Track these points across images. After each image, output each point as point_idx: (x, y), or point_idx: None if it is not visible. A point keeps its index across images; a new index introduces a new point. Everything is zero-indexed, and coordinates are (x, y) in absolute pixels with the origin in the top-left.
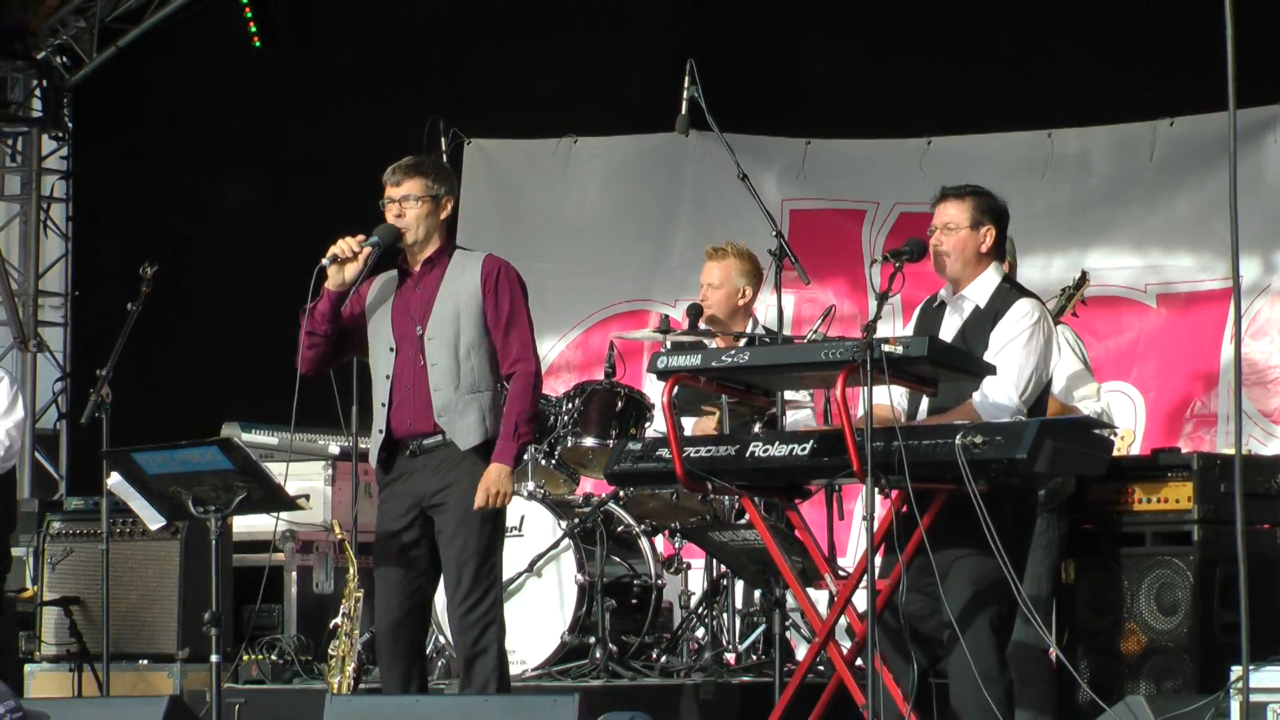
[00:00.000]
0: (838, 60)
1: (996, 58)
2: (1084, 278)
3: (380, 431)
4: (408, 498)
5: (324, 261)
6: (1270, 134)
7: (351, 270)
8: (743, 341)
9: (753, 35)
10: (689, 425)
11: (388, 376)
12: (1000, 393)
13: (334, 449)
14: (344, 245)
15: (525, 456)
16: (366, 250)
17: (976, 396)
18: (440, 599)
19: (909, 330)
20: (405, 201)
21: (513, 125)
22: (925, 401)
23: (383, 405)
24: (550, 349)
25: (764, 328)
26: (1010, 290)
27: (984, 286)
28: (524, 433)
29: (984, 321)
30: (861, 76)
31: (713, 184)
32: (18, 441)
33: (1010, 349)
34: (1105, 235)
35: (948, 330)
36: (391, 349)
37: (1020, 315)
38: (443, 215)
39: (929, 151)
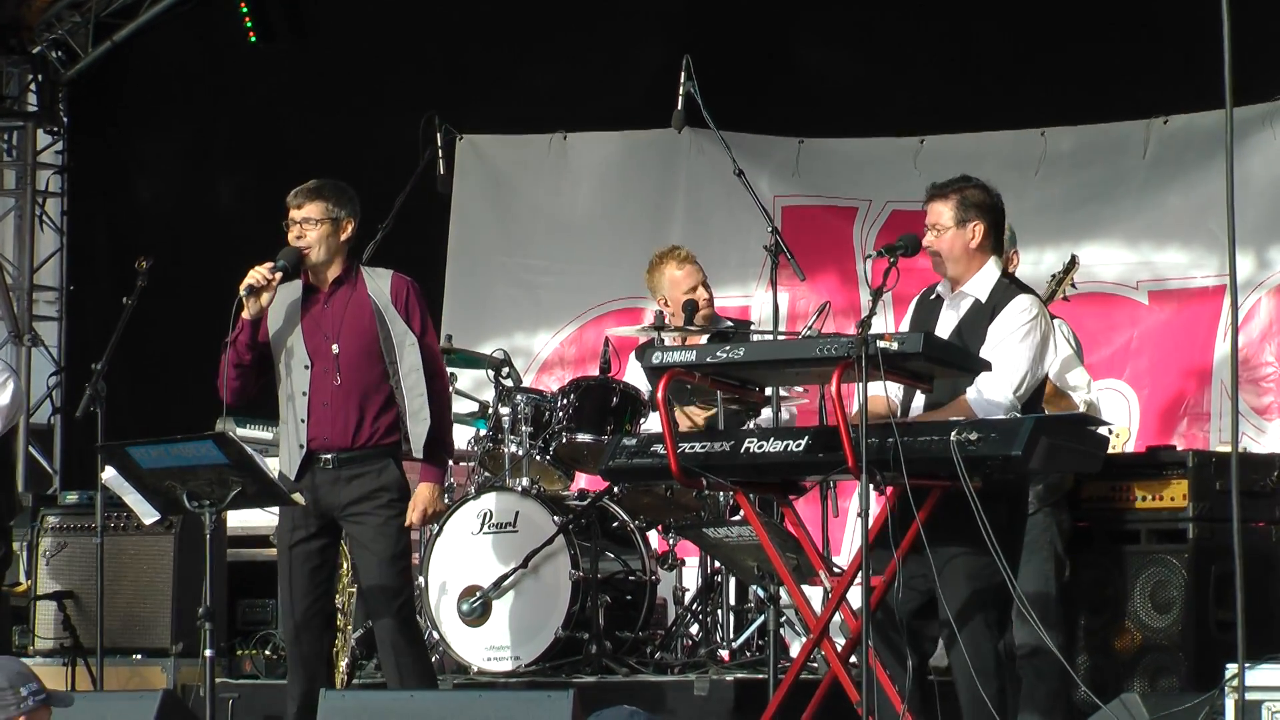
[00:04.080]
0: (830, 59)
1: (989, 56)
2: (1074, 261)
3: (301, 446)
4: (319, 507)
5: (241, 293)
6: (1262, 131)
7: (266, 297)
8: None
9: (745, 33)
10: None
11: (304, 393)
12: (995, 389)
13: None
14: (257, 274)
15: (520, 452)
16: (277, 276)
17: (971, 392)
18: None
19: (904, 325)
20: (306, 224)
21: (506, 121)
22: (920, 396)
23: (301, 421)
24: (544, 345)
25: (729, 321)
26: (1009, 285)
27: (983, 281)
28: (448, 448)
29: (982, 316)
30: (854, 75)
31: (706, 181)
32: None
33: (1007, 344)
34: (1097, 232)
35: (945, 324)
36: (306, 366)
37: (1018, 311)
38: (343, 236)
39: (922, 150)
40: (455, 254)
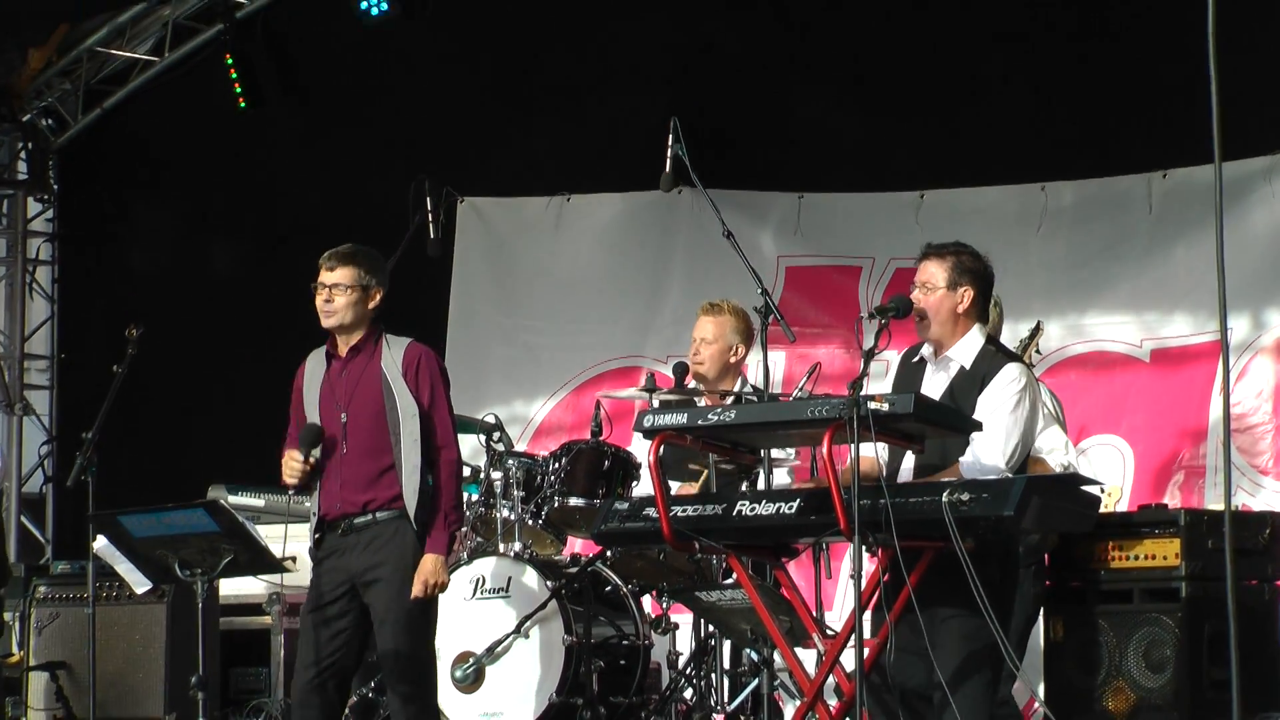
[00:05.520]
0: (829, 114)
1: (987, 109)
2: (1038, 327)
3: (315, 514)
4: (340, 574)
5: (290, 492)
6: (1263, 186)
7: (306, 474)
8: (729, 399)
9: (744, 90)
10: (675, 490)
11: (318, 460)
12: (989, 459)
13: None
14: (292, 471)
15: (513, 517)
16: (310, 463)
17: (966, 459)
18: None
19: (888, 385)
20: (335, 289)
21: (506, 183)
22: (909, 460)
23: (316, 488)
24: (540, 409)
25: (752, 386)
26: (996, 354)
27: (968, 348)
28: (454, 520)
29: (970, 384)
30: (853, 129)
31: (705, 241)
32: None
33: (999, 415)
34: (1103, 292)
35: (933, 389)
36: None
37: (1008, 381)
38: (371, 305)
39: (923, 205)
40: (456, 317)
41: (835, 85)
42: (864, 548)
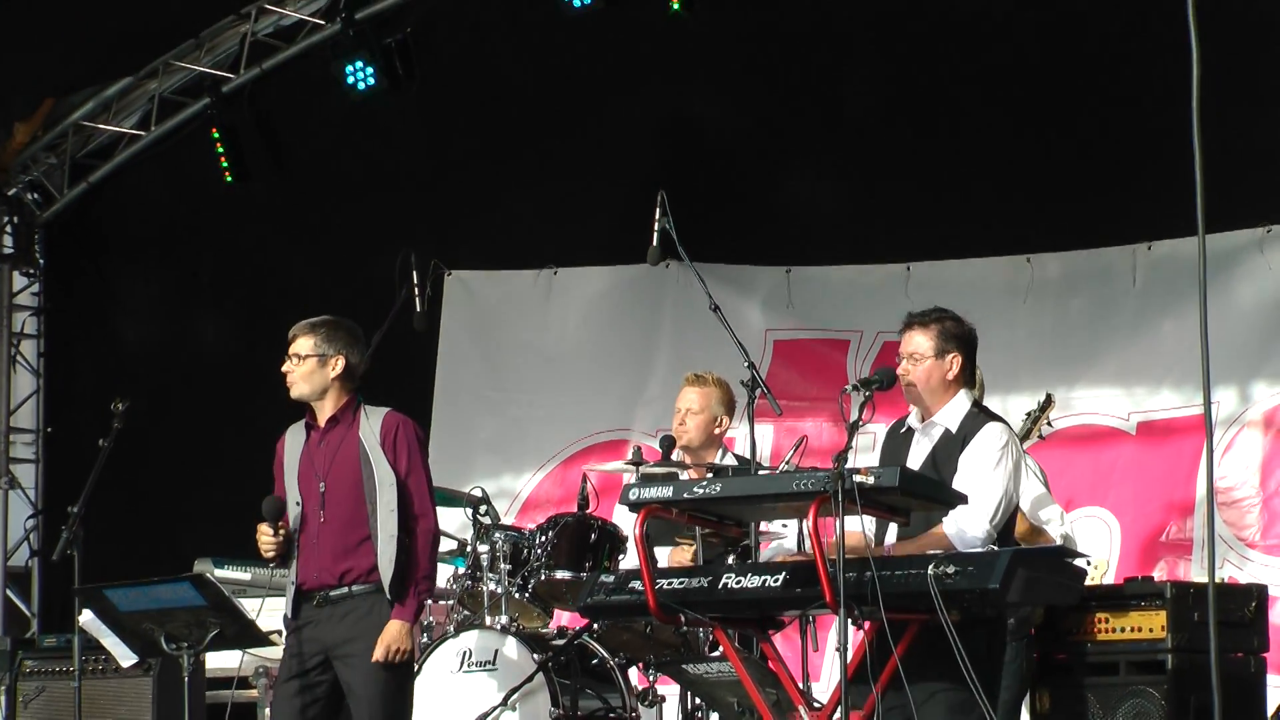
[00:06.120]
0: (816, 188)
1: (974, 181)
2: (1049, 400)
3: (292, 584)
4: (315, 645)
5: (271, 565)
6: (1254, 258)
7: (280, 545)
8: (712, 473)
9: (730, 165)
10: (663, 555)
11: (296, 531)
12: (972, 523)
13: None
14: (265, 545)
15: (500, 590)
16: (280, 535)
17: (949, 526)
18: None
19: (875, 458)
20: (293, 359)
21: (493, 257)
22: (894, 528)
23: (293, 559)
24: (527, 482)
25: (734, 456)
26: (979, 415)
27: (955, 411)
28: (424, 589)
29: (953, 445)
30: (839, 203)
31: (692, 314)
32: None
33: (980, 474)
34: (1090, 364)
35: (917, 456)
36: (297, 503)
37: (989, 439)
38: (331, 373)
39: (910, 277)
40: (443, 390)
41: (822, 159)
42: (850, 620)
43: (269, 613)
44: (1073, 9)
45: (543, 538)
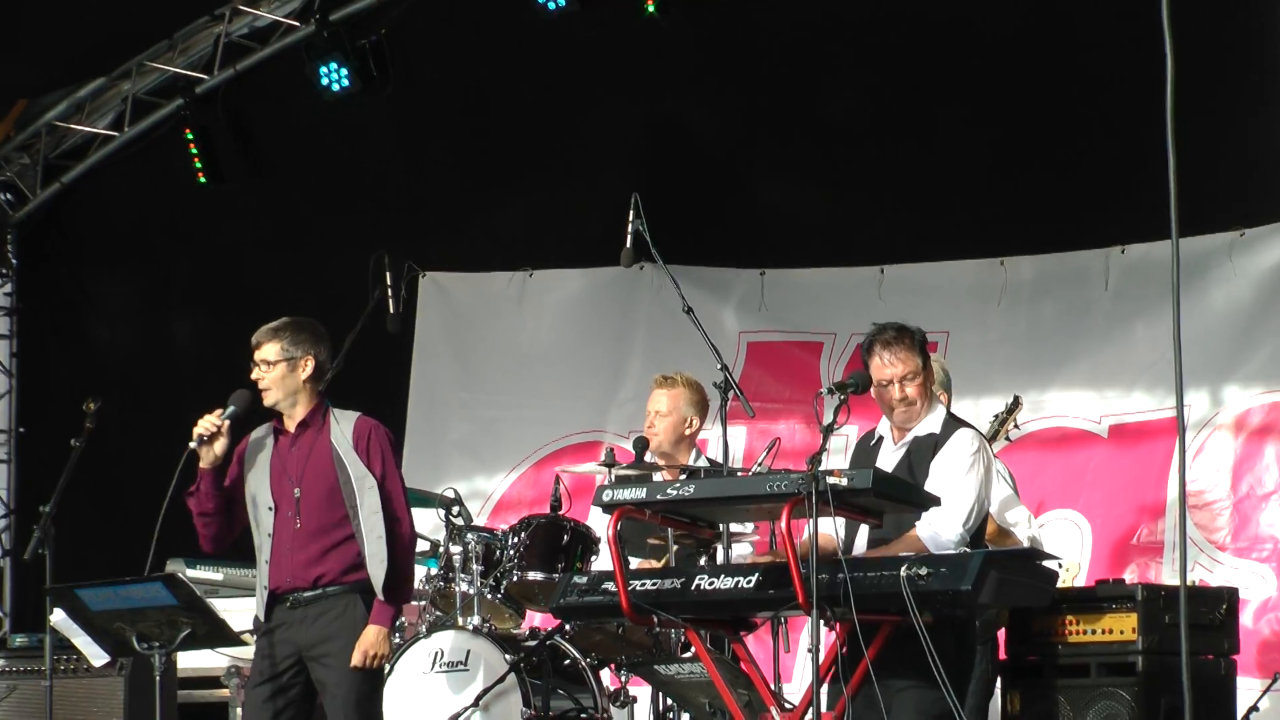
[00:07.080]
0: (790, 190)
1: (947, 184)
2: (1016, 402)
3: (264, 588)
4: (288, 646)
5: (191, 445)
6: (1224, 263)
7: (220, 444)
8: (684, 475)
9: (705, 167)
10: (635, 565)
11: (269, 535)
12: (945, 526)
13: None
14: (206, 424)
15: (472, 590)
16: (226, 423)
17: (922, 529)
18: None
19: (847, 462)
20: (263, 365)
21: (467, 259)
22: (863, 531)
23: (265, 562)
24: (500, 484)
25: (707, 458)
26: (951, 421)
27: (933, 420)
28: (401, 594)
29: (925, 450)
30: (814, 206)
31: (666, 316)
32: None
33: (952, 479)
34: (1063, 367)
35: (888, 462)
36: (270, 508)
37: (961, 445)
38: (302, 376)
39: (884, 280)
40: (417, 392)
41: (796, 162)
42: (822, 622)
43: (239, 614)
44: (1047, 15)
45: (515, 539)
